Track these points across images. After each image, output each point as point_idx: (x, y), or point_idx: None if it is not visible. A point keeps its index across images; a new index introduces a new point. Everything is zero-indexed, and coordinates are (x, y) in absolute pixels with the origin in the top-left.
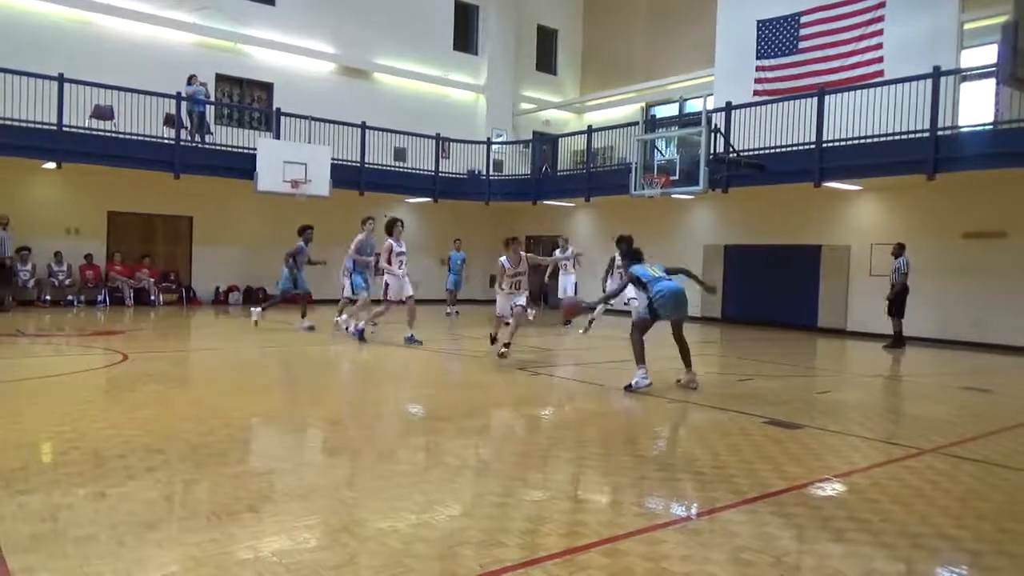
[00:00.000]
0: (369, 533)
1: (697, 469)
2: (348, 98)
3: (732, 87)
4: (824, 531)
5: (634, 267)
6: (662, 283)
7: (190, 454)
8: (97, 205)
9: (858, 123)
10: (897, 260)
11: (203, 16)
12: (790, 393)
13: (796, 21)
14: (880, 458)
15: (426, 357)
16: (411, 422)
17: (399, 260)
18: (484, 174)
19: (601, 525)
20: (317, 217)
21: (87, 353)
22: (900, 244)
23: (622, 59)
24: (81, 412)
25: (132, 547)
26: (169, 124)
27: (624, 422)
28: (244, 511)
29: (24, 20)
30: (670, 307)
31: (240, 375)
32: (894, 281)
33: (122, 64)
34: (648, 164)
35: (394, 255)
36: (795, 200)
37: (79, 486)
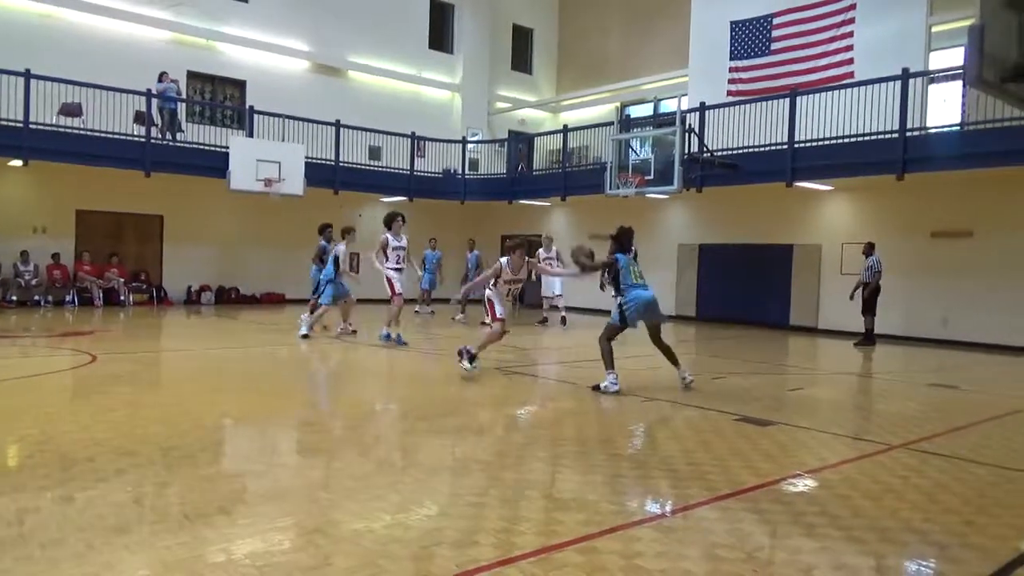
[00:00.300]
0: (344, 534)
1: (671, 467)
2: (322, 96)
3: (706, 87)
4: (796, 526)
5: (620, 255)
6: (636, 291)
7: (161, 456)
8: (65, 203)
9: (829, 124)
10: (869, 259)
11: (175, 12)
12: (762, 391)
13: (769, 22)
14: (850, 454)
15: (401, 357)
16: (387, 422)
17: (396, 255)
18: (460, 173)
19: (577, 523)
20: (292, 216)
21: (55, 354)
22: (870, 243)
23: (597, 59)
24: (49, 414)
25: (101, 551)
26: (139, 122)
27: (599, 421)
28: (216, 513)
29: None
30: (640, 314)
31: (212, 376)
32: (867, 279)
33: (91, 60)
34: (623, 164)
35: (390, 249)
36: (768, 200)
37: (46, 489)
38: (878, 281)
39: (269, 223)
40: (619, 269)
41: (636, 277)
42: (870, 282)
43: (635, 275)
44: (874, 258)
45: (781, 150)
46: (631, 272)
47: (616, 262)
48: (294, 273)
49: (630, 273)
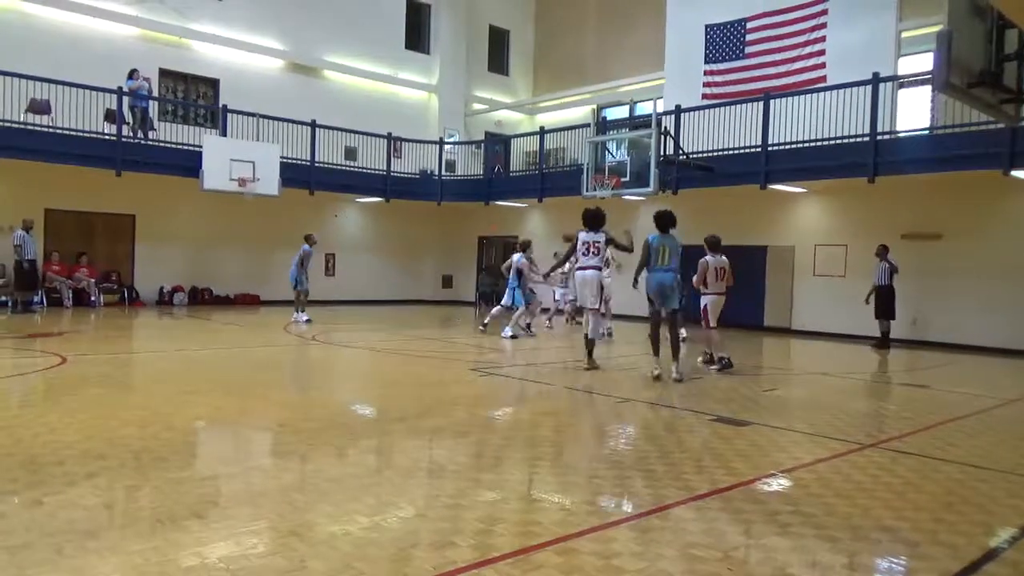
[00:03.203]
0: (319, 537)
1: (648, 467)
2: (298, 96)
3: (681, 90)
4: (771, 525)
5: (653, 237)
6: (652, 273)
7: (132, 459)
8: (33, 202)
9: (802, 127)
10: (883, 262)
11: (145, 9)
12: (737, 391)
13: (743, 27)
14: (823, 453)
15: (375, 357)
16: (363, 423)
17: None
18: (436, 174)
19: (554, 524)
20: (266, 217)
21: (23, 356)
22: (884, 246)
23: (573, 61)
24: (16, 417)
25: (71, 556)
26: (110, 120)
27: (576, 422)
28: (189, 517)
29: None
30: (652, 293)
31: (185, 378)
32: (881, 282)
33: (60, 57)
34: (599, 165)
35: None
36: (742, 202)
37: (13, 493)
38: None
39: (243, 223)
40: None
41: (662, 261)
42: (886, 285)
43: (664, 255)
44: (888, 261)
45: (755, 153)
46: (659, 250)
47: (648, 243)
48: (268, 274)
49: (658, 251)
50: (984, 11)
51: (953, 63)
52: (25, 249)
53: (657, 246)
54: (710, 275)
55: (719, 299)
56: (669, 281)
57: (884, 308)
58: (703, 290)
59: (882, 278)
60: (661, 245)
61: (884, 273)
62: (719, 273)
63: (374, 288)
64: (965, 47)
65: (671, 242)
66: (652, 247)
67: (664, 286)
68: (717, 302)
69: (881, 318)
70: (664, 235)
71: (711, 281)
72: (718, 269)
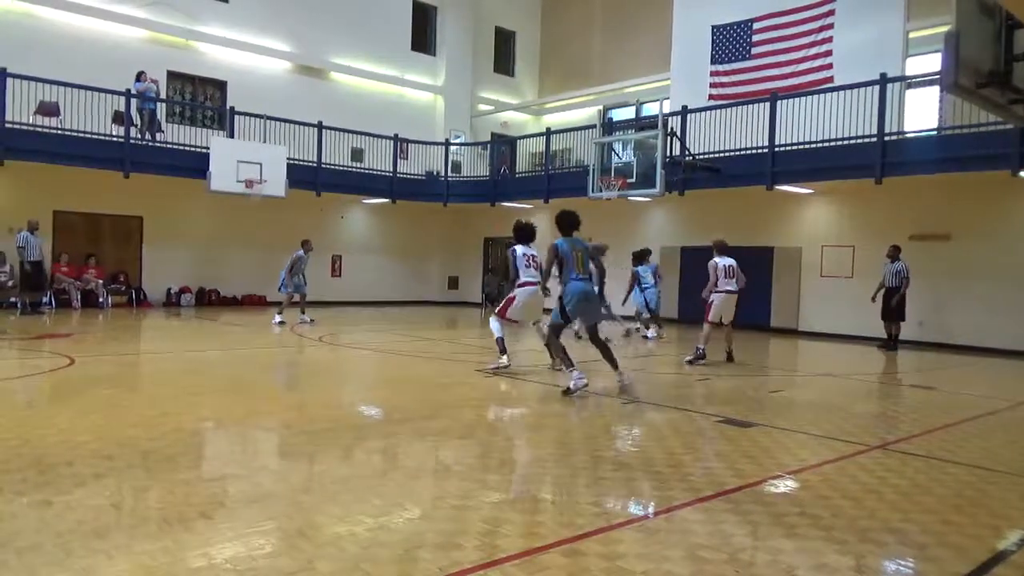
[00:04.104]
0: (326, 538)
1: (654, 468)
2: (304, 97)
3: (688, 91)
4: (777, 527)
5: (561, 242)
6: (573, 283)
7: (140, 460)
8: (42, 204)
9: (809, 128)
10: (896, 263)
11: (153, 11)
12: (744, 392)
13: (749, 27)
14: (830, 455)
15: (381, 358)
16: (369, 424)
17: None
18: (442, 175)
19: (559, 525)
20: (273, 218)
21: (32, 357)
22: (896, 247)
23: (580, 62)
24: (25, 418)
25: (79, 556)
26: (118, 122)
27: (581, 423)
28: (196, 518)
29: None
30: (577, 308)
31: (192, 378)
32: (894, 284)
33: (68, 59)
34: (606, 166)
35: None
36: (749, 203)
37: (22, 494)
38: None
39: (250, 225)
40: (561, 257)
41: (580, 268)
42: (899, 287)
43: (578, 260)
44: (900, 264)
45: (762, 154)
46: (572, 255)
47: (557, 248)
48: (275, 275)
49: (571, 256)
50: (993, 11)
51: (961, 63)
52: (29, 251)
53: (570, 252)
54: (720, 274)
55: (729, 297)
56: (592, 291)
57: (895, 310)
58: (714, 289)
59: (893, 280)
60: (574, 250)
61: (896, 276)
62: (728, 271)
63: (380, 289)
64: (974, 47)
65: (581, 245)
66: (564, 253)
67: (590, 297)
68: (726, 299)
69: (889, 320)
70: (572, 238)
71: (721, 279)
72: (727, 268)
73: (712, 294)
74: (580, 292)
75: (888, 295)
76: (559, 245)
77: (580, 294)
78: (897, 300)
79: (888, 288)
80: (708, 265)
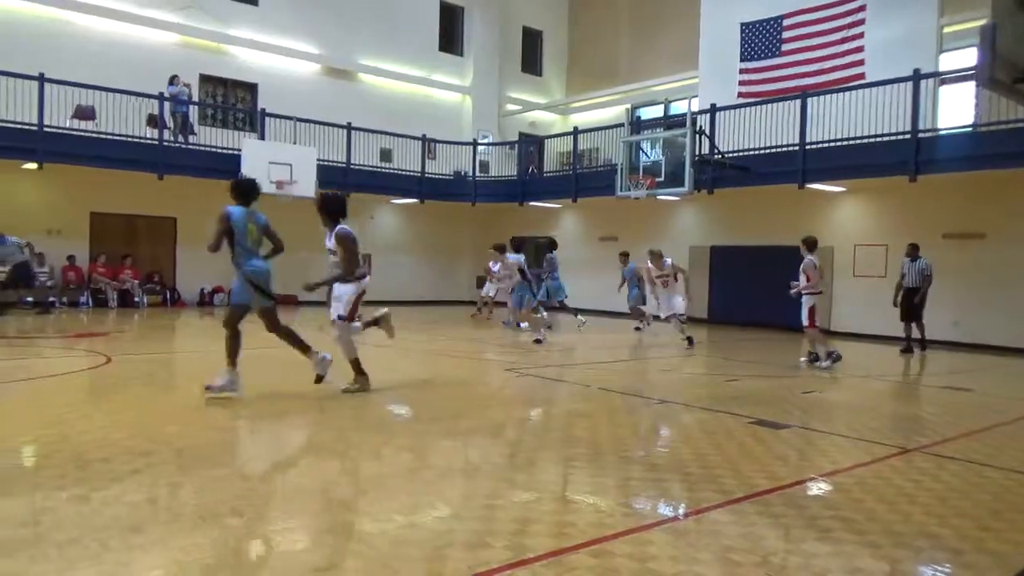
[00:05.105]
0: (355, 535)
1: (684, 470)
2: (333, 99)
3: (717, 89)
4: (810, 530)
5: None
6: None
7: (175, 457)
8: (79, 206)
9: (840, 125)
10: (918, 262)
11: (186, 16)
12: (775, 393)
13: (779, 24)
14: (864, 457)
15: (410, 357)
16: (398, 423)
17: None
18: (470, 175)
19: (589, 526)
20: (303, 218)
21: (70, 355)
22: (915, 245)
23: (607, 61)
24: (64, 415)
25: (116, 551)
26: (152, 125)
27: (610, 423)
28: (229, 514)
29: (3, 19)
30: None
31: None
32: (916, 283)
33: (104, 64)
34: (633, 165)
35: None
36: (779, 201)
37: (62, 489)
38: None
39: (280, 225)
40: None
41: (252, 243)
42: (921, 286)
43: (251, 240)
44: (924, 261)
45: (792, 152)
46: (248, 235)
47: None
48: (306, 275)
49: (246, 236)
50: None
51: (997, 58)
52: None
53: (245, 224)
54: (814, 275)
55: (822, 297)
56: (266, 272)
57: (915, 311)
58: (807, 290)
59: (916, 279)
60: (251, 223)
61: (917, 275)
62: (821, 271)
63: (409, 289)
64: (1010, 41)
65: (260, 220)
66: (236, 224)
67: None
68: (821, 301)
69: (910, 320)
70: (250, 210)
71: (815, 280)
72: (820, 268)
73: (808, 295)
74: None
75: (910, 295)
76: (233, 214)
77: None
78: (919, 299)
79: (909, 288)
80: (803, 264)
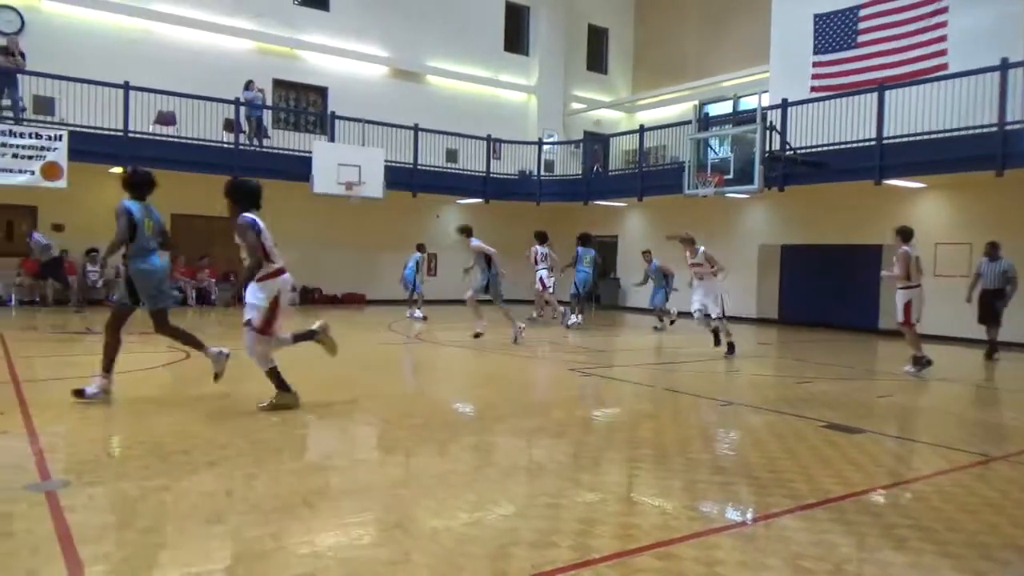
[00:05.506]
0: (422, 531)
1: (752, 473)
2: (400, 100)
3: (788, 83)
4: (886, 539)
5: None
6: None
7: (250, 449)
8: (161, 208)
9: (921, 118)
10: (1000, 262)
11: (260, 23)
12: (849, 396)
13: (855, 14)
14: (945, 465)
15: (476, 356)
16: (464, 421)
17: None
18: (535, 175)
19: (654, 528)
20: (371, 218)
21: (152, 351)
22: (994, 244)
23: (674, 57)
24: (145, 408)
25: (195, 539)
26: (228, 129)
27: (676, 424)
28: (301, 506)
29: (91, 31)
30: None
31: (295, 373)
32: (998, 285)
33: (183, 71)
34: (701, 163)
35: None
36: (855, 198)
37: (144, 479)
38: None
39: (350, 225)
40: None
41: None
42: (1004, 288)
43: (148, 237)
44: (1006, 262)
45: (869, 147)
46: (146, 230)
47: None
48: (373, 274)
49: (144, 232)
50: None
51: None
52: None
53: (142, 219)
54: (913, 267)
55: (921, 291)
56: (162, 269)
57: (993, 313)
58: (902, 284)
59: (997, 280)
60: (147, 219)
61: (998, 277)
62: (918, 263)
63: None
64: None
65: (156, 216)
66: (136, 219)
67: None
68: (921, 294)
69: (989, 324)
70: (146, 204)
71: (914, 273)
72: (917, 259)
73: (903, 290)
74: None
75: (989, 296)
76: (130, 209)
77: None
78: (1003, 304)
79: (989, 290)
80: (897, 254)
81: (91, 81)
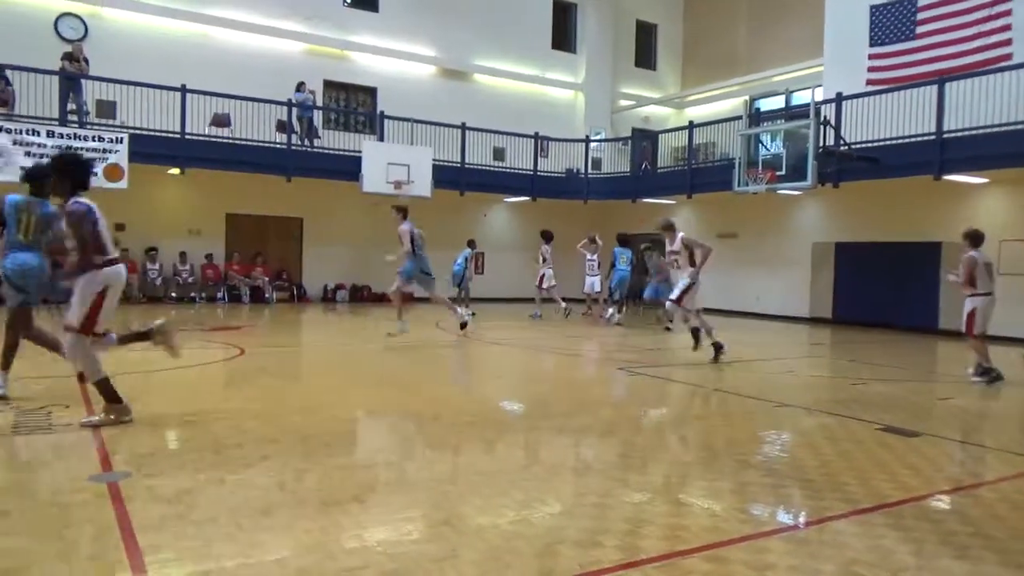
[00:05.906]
0: (470, 527)
1: (805, 476)
2: (448, 100)
3: (842, 77)
4: (945, 546)
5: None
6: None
7: (301, 444)
8: (216, 208)
9: (983, 111)
10: None
11: (311, 25)
12: (907, 399)
13: (913, 4)
14: (1008, 471)
15: (523, 354)
16: (511, 419)
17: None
18: (583, 172)
19: (703, 530)
20: (419, 217)
21: (208, 347)
22: None
23: (724, 52)
24: (203, 403)
25: (248, 531)
26: (281, 130)
27: (727, 425)
28: (350, 501)
29: (149, 35)
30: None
31: (347, 369)
32: None
33: (237, 74)
34: (752, 159)
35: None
36: (912, 195)
37: (201, 472)
38: None
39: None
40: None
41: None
42: None
43: (22, 232)
44: None
45: (928, 141)
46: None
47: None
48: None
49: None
50: None
51: None
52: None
53: (17, 214)
54: (979, 272)
55: (991, 300)
56: (31, 268)
57: None
58: (969, 291)
59: None
60: (28, 213)
61: None
62: (989, 269)
63: (522, 286)
64: None
65: (46, 212)
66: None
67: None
68: (989, 304)
69: None
70: (35, 200)
71: (980, 280)
72: (987, 265)
73: (969, 297)
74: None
75: None
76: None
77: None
78: None
79: None
80: (963, 260)
81: (150, 85)
